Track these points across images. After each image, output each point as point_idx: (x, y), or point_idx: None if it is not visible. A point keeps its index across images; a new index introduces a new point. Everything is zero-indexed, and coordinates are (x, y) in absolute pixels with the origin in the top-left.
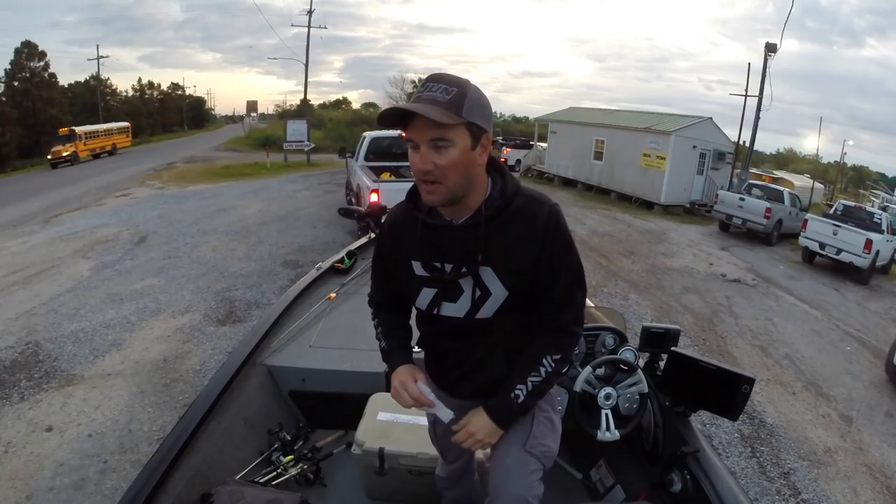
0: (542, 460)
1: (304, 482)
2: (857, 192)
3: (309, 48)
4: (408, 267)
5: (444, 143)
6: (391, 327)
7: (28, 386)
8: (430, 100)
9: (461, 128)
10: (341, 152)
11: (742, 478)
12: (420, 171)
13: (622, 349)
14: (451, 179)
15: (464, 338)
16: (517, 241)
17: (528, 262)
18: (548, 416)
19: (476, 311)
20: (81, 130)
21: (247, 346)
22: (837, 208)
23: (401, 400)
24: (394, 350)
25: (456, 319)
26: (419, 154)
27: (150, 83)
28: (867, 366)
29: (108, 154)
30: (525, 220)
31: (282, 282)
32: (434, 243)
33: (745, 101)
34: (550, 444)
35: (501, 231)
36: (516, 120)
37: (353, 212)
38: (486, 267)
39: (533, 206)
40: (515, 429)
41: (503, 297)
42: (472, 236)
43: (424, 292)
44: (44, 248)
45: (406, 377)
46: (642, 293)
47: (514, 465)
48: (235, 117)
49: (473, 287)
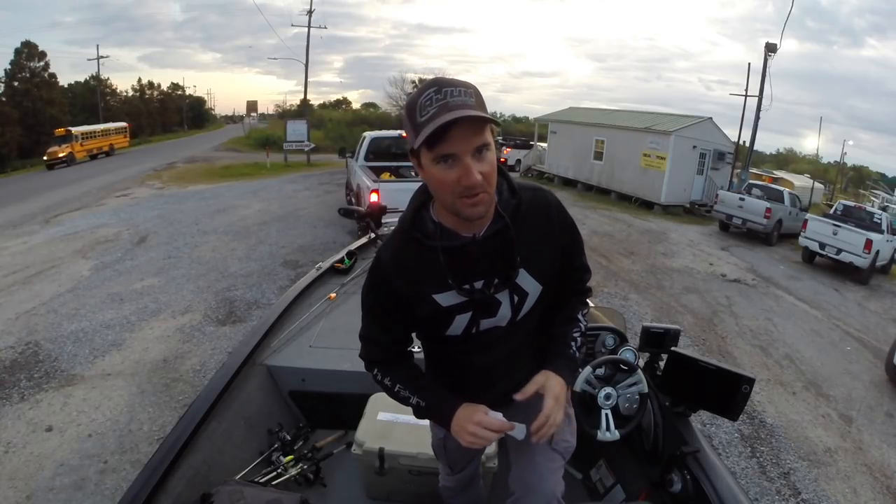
0: (565, 456)
1: (304, 482)
2: (857, 192)
3: (309, 48)
4: (428, 302)
5: (486, 147)
6: (412, 380)
7: (28, 386)
8: (463, 104)
9: (490, 128)
10: (341, 152)
11: (742, 478)
12: (467, 186)
13: (622, 349)
14: (491, 185)
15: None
16: (539, 235)
17: (553, 252)
18: (566, 411)
19: (517, 315)
20: (78, 131)
21: (247, 346)
22: (837, 208)
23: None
24: (436, 401)
25: (499, 329)
26: (461, 167)
27: (150, 83)
28: (867, 366)
29: (106, 155)
30: (539, 213)
31: (282, 282)
32: (460, 265)
33: (745, 101)
34: (570, 439)
35: (521, 228)
36: (516, 120)
37: (353, 212)
38: (520, 269)
39: (538, 197)
40: None
41: (538, 292)
42: (501, 243)
43: (457, 320)
44: (44, 249)
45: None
46: (642, 293)
47: (543, 463)
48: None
49: (511, 294)
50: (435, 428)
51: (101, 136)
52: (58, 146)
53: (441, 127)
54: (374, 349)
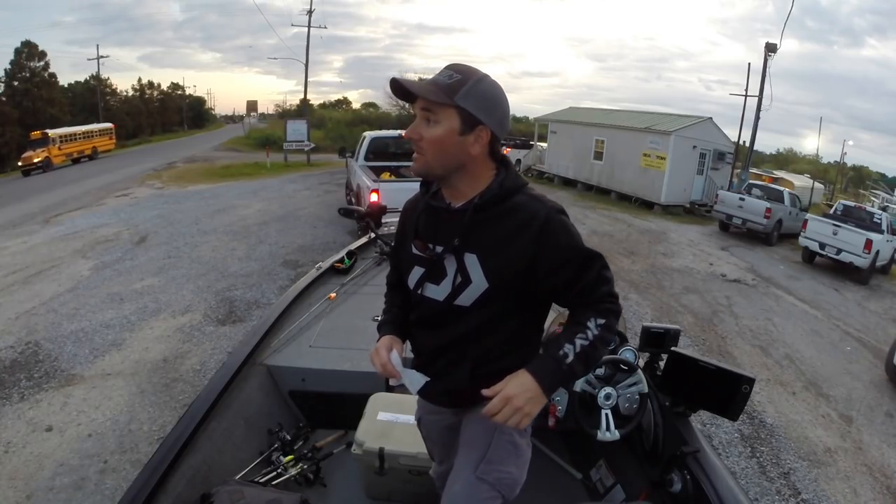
0: (497, 488)
1: (304, 482)
2: (857, 192)
3: (309, 48)
4: (408, 246)
5: (432, 118)
6: (391, 304)
7: (28, 386)
8: (434, 81)
9: (450, 110)
10: (341, 152)
11: (742, 478)
12: (407, 135)
13: (622, 349)
14: (430, 153)
15: (439, 328)
16: (508, 236)
17: (515, 260)
18: (510, 439)
19: (455, 297)
20: (55, 133)
21: (247, 346)
22: (837, 208)
23: (375, 365)
24: (385, 323)
25: (436, 302)
26: (414, 123)
27: (150, 83)
28: (867, 366)
29: (89, 158)
30: (520, 218)
31: (282, 282)
32: (431, 224)
33: (745, 101)
34: (511, 471)
35: (494, 222)
36: (516, 120)
37: (353, 212)
38: (472, 254)
39: (532, 205)
40: (468, 452)
41: (483, 287)
42: (462, 219)
43: (415, 271)
44: (44, 248)
45: (381, 345)
46: (642, 293)
47: (461, 493)
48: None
49: (456, 272)
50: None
51: (82, 138)
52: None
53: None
54: (390, 271)
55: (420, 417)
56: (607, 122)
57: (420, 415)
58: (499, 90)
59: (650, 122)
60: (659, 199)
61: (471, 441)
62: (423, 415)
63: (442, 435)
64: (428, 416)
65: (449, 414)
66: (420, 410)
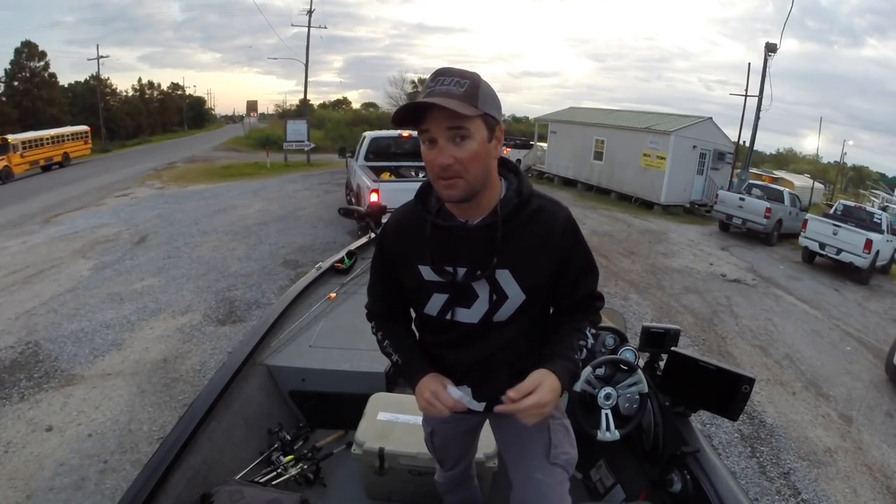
0: (567, 469)
1: (304, 482)
2: (857, 192)
3: (309, 48)
4: (414, 272)
5: (464, 134)
6: (399, 339)
7: (28, 386)
8: (445, 93)
9: (478, 119)
10: (341, 152)
11: (742, 478)
12: (439, 166)
13: (622, 349)
14: (471, 173)
15: (472, 345)
16: (536, 245)
17: (547, 267)
18: (561, 422)
19: (493, 315)
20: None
21: (247, 346)
22: (837, 208)
23: (435, 412)
24: (411, 362)
25: (470, 325)
26: (437, 149)
27: (150, 83)
28: (867, 366)
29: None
30: (544, 224)
31: (282, 282)
32: (445, 245)
33: (745, 101)
34: (571, 451)
35: (519, 233)
36: (516, 120)
37: (353, 212)
38: (504, 269)
39: (550, 210)
40: (533, 442)
41: (520, 300)
42: (488, 237)
43: (435, 298)
44: (44, 248)
45: (436, 386)
46: (642, 293)
47: (545, 480)
48: (235, 117)
49: (490, 291)
50: (424, 423)
51: (50, 143)
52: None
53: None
54: (375, 302)
55: (433, 429)
56: (607, 122)
57: (434, 426)
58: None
59: (650, 122)
60: (659, 199)
61: (526, 433)
62: (436, 425)
63: (458, 441)
64: (444, 425)
65: (472, 417)
66: (434, 421)
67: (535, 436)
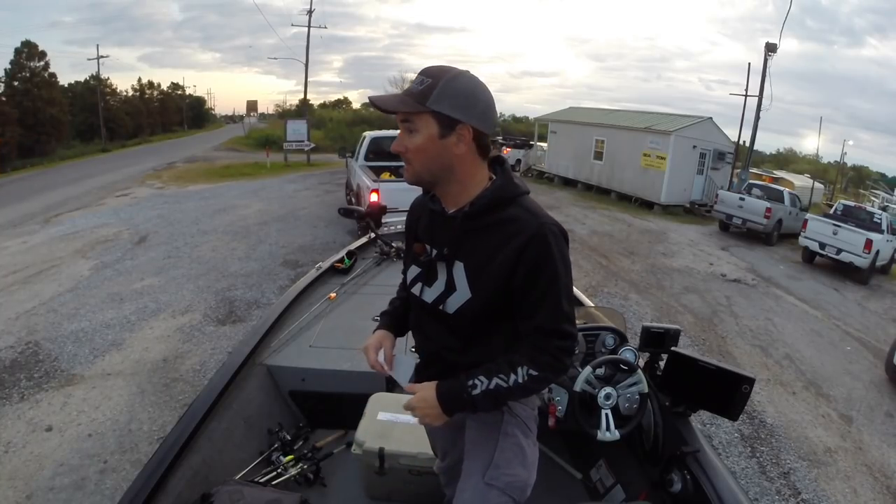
0: (508, 493)
1: (304, 482)
2: (857, 192)
3: (309, 48)
4: (411, 244)
5: (411, 127)
6: (398, 296)
7: (28, 386)
8: (407, 90)
9: (426, 116)
10: (341, 152)
11: (742, 478)
12: (394, 149)
13: (622, 349)
14: (417, 162)
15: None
16: (494, 248)
17: (498, 275)
18: (516, 441)
19: (441, 302)
20: None
21: (247, 346)
22: (837, 208)
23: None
24: (384, 313)
25: (425, 303)
26: (398, 136)
27: (150, 83)
28: (867, 366)
29: None
30: (510, 233)
31: (282, 282)
32: (429, 227)
33: (745, 101)
34: (519, 473)
35: (483, 232)
36: (516, 120)
37: (353, 212)
38: (460, 262)
39: (523, 221)
40: (475, 458)
41: (466, 297)
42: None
43: (412, 269)
44: (44, 248)
45: (371, 344)
46: (642, 293)
47: (471, 500)
48: (235, 117)
49: (446, 278)
50: None
51: None
52: None
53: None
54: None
55: None
56: (607, 122)
57: None
58: (476, 84)
59: (650, 122)
60: (659, 199)
61: (477, 445)
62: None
63: (445, 431)
64: None
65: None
66: None
67: (479, 450)
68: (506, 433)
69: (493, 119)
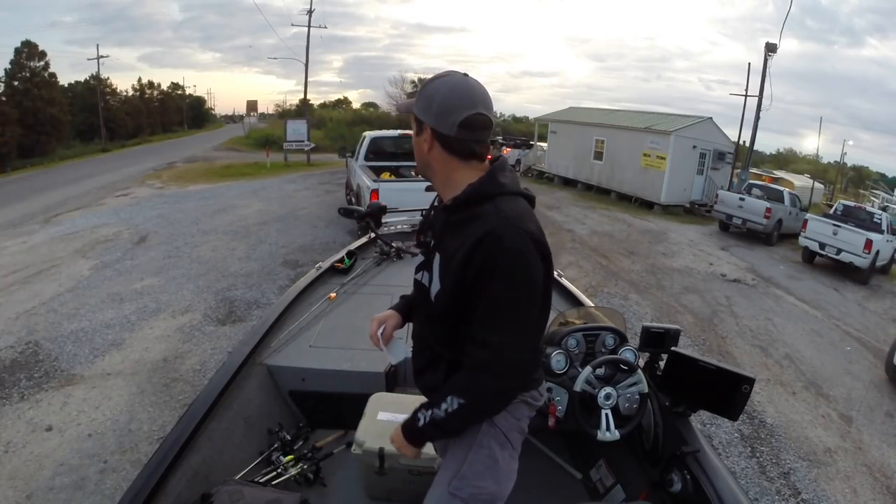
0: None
1: (304, 482)
2: (857, 192)
3: (309, 48)
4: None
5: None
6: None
7: (28, 385)
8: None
9: (412, 116)
10: (341, 152)
11: (742, 478)
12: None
13: (622, 349)
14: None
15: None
16: (461, 242)
17: (457, 269)
18: (489, 453)
19: (427, 291)
20: None
21: (247, 346)
22: (837, 208)
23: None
24: (402, 297)
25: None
26: None
27: (150, 83)
28: (867, 366)
29: None
30: (471, 231)
31: (282, 281)
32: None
33: (745, 101)
34: (487, 486)
35: (456, 228)
36: (516, 120)
37: (353, 212)
38: (439, 254)
39: (485, 220)
40: (445, 468)
41: (437, 288)
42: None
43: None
44: (44, 248)
45: (380, 315)
46: (642, 293)
47: None
48: (235, 117)
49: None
50: None
51: None
52: None
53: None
54: None
55: None
56: (607, 122)
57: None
58: (440, 85)
59: (650, 122)
60: (659, 199)
61: (450, 454)
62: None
63: None
64: None
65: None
66: None
67: (450, 460)
68: (480, 444)
69: (448, 119)
